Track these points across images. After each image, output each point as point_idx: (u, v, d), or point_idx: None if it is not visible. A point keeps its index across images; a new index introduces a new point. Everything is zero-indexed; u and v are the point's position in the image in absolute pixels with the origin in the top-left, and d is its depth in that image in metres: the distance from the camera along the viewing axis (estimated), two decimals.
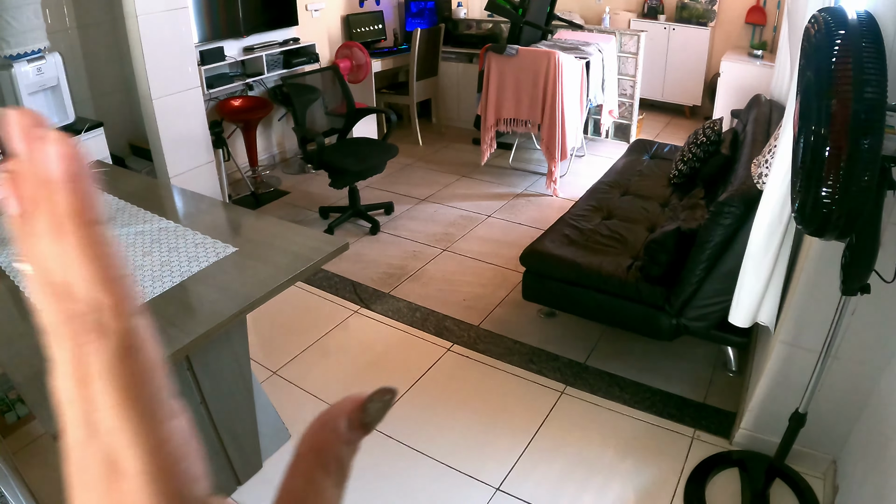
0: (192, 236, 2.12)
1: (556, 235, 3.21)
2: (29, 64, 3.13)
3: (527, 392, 2.82)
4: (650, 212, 3.49)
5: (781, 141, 2.05)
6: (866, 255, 1.59)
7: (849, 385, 2.13)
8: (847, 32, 1.35)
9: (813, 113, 1.40)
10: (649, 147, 4.50)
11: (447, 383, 2.87)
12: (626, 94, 5.70)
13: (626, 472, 2.40)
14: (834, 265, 1.73)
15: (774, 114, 3.36)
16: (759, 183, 2.40)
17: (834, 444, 2.27)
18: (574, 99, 4.76)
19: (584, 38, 5.37)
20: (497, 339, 3.17)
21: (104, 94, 4.17)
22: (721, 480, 2.34)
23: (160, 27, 3.66)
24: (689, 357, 3.01)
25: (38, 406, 1.39)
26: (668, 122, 6.62)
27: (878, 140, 1.33)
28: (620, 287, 2.79)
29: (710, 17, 6.18)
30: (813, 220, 1.46)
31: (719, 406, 2.70)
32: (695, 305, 2.62)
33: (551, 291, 3.05)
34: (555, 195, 4.79)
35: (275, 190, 5.04)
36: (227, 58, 4.65)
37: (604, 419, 2.65)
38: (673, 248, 2.66)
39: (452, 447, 2.51)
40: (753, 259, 2.19)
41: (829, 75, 1.34)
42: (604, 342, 3.13)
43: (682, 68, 6.44)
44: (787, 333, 2.17)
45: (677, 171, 3.74)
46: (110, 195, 2.47)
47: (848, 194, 1.37)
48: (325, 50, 5.64)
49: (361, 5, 6.01)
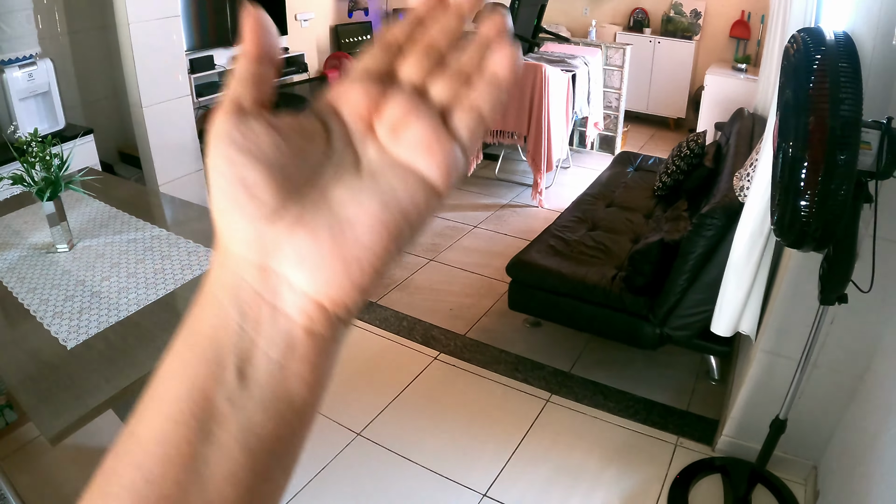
0: (185, 244, 2.14)
1: (542, 246, 3.24)
2: (20, 69, 3.14)
3: (513, 400, 2.85)
4: (634, 223, 3.54)
5: (763, 154, 2.10)
6: (843, 266, 1.64)
7: (828, 392, 2.18)
8: (825, 52, 1.40)
9: (791, 129, 1.45)
10: (634, 159, 4.56)
11: (434, 392, 2.90)
12: (612, 107, 5.77)
13: (611, 478, 2.43)
14: (812, 276, 1.78)
15: (757, 127, 3.42)
16: (741, 195, 2.45)
17: (815, 450, 2.31)
18: (560, 111, 4.81)
19: (571, 51, 5.43)
20: (483, 348, 3.20)
21: (94, 101, 4.18)
22: (704, 486, 2.38)
23: (151, 35, 3.68)
24: (672, 366, 3.05)
25: (33, 410, 1.41)
26: (653, 134, 6.69)
27: (853, 155, 1.38)
28: (605, 297, 2.83)
29: (694, 31, 6.27)
30: (791, 233, 1.51)
31: (702, 413, 2.74)
32: (678, 315, 2.66)
33: (537, 301, 3.08)
34: (540, 206, 4.83)
35: None
36: (217, 66, 4.66)
37: (588, 427, 2.69)
38: (656, 259, 2.70)
39: (439, 454, 2.54)
40: (735, 270, 2.24)
41: (806, 93, 1.39)
42: (588, 351, 3.17)
43: (666, 81, 6.51)
44: (768, 342, 2.22)
45: (661, 183, 3.80)
46: (102, 202, 2.48)
47: (825, 207, 1.42)
48: (314, 60, 5.67)
49: (350, 16, 6.05)
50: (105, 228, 2.28)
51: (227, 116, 0.29)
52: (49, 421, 1.38)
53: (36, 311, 1.78)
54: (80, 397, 1.44)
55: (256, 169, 0.28)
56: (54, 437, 1.35)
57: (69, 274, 1.97)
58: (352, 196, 0.29)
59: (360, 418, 2.67)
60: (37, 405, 1.43)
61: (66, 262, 2.05)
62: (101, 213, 2.40)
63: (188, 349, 0.29)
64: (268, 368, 0.28)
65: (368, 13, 6.22)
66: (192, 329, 0.29)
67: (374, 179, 0.29)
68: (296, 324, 0.28)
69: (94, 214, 2.39)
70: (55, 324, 1.72)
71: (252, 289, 0.28)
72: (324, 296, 0.28)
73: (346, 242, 0.28)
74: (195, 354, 0.28)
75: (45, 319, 1.74)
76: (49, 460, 2.47)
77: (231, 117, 0.29)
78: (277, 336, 0.28)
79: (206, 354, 0.28)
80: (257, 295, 0.28)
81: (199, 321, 0.29)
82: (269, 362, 0.28)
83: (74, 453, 2.50)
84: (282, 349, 0.28)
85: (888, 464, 1.69)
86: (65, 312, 1.77)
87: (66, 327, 1.70)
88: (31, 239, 2.21)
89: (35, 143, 1.96)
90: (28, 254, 2.11)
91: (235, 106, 0.29)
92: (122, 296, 1.84)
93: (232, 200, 0.28)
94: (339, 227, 0.28)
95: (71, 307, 1.79)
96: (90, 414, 1.41)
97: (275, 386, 0.28)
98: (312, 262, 0.28)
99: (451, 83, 0.30)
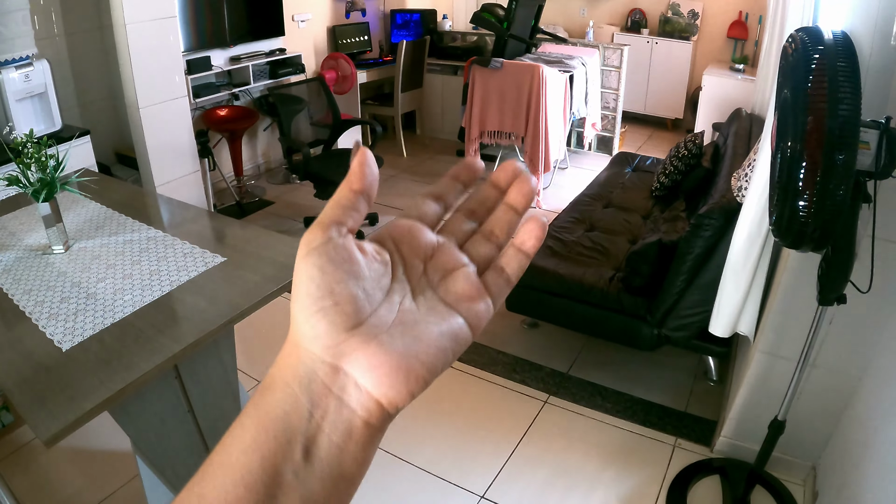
0: (181, 246, 2.13)
1: (540, 247, 3.23)
2: (16, 70, 3.13)
3: (510, 401, 2.84)
4: (632, 224, 3.54)
5: (761, 155, 2.10)
6: (842, 266, 1.64)
7: (827, 393, 2.17)
8: (823, 52, 1.40)
9: (789, 129, 1.44)
10: (631, 160, 4.56)
11: (431, 393, 2.87)
12: (609, 107, 5.77)
13: (609, 480, 2.43)
14: (811, 276, 1.78)
15: (755, 128, 3.42)
16: (739, 196, 2.45)
17: (813, 451, 2.31)
18: (557, 112, 4.81)
19: (568, 52, 5.43)
20: (481, 349, 3.20)
21: (91, 102, 4.17)
22: (702, 488, 2.37)
23: (148, 36, 3.67)
24: (670, 367, 3.05)
25: (28, 412, 1.40)
26: (651, 134, 6.69)
27: (851, 155, 1.38)
28: (603, 298, 2.83)
29: (692, 32, 6.28)
30: (789, 233, 1.50)
31: (700, 414, 2.74)
32: (676, 316, 2.66)
33: (535, 302, 3.08)
34: (538, 207, 4.83)
35: (260, 200, 5.05)
36: (214, 67, 4.65)
37: (586, 428, 2.68)
38: (654, 260, 2.70)
39: (437, 456, 2.53)
40: (733, 270, 2.24)
41: (804, 93, 1.39)
42: (586, 352, 3.17)
43: (664, 82, 6.52)
44: (767, 343, 2.21)
45: (659, 184, 3.80)
46: (98, 203, 2.47)
47: (823, 208, 1.41)
48: (311, 61, 5.66)
49: (347, 16, 6.05)
50: (101, 230, 2.27)
51: (324, 232, 0.34)
52: (44, 423, 1.37)
53: (31, 312, 1.77)
54: (75, 399, 1.43)
55: (345, 283, 0.33)
56: (49, 439, 1.34)
57: (65, 275, 1.97)
58: (415, 322, 0.35)
59: None
60: (32, 407, 1.42)
61: (61, 264, 2.04)
62: (97, 214, 2.39)
63: (259, 427, 0.33)
64: (329, 449, 0.33)
65: (366, 14, 6.21)
66: (264, 410, 0.34)
67: (430, 312, 0.36)
68: (357, 415, 0.34)
69: (90, 216, 2.38)
70: (50, 325, 1.71)
71: (323, 383, 0.34)
72: (383, 397, 0.33)
73: (411, 359, 0.34)
74: (268, 432, 0.33)
75: (41, 321, 1.73)
76: (45, 462, 2.47)
77: (327, 233, 0.34)
78: (341, 424, 0.34)
79: (277, 434, 0.33)
80: (327, 388, 0.34)
81: (272, 405, 0.34)
82: (331, 444, 0.33)
83: (71, 455, 2.49)
84: (343, 434, 0.34)
85: (887, 464, 1.68)
86: (60, 314, 1.76)
87: (61, 329, 1.69)
88: (26, 240, 2.20)
89: (31, 144, 1.95)
90: (23, 255, 2.10)
91: (332, 224, 0.35)
92: (118, 297, 1.84)
93: (320, 307, 0.33)
94: (406, 346, 0.34)
95: (66, 309, 1.78)
96: (85, 416, 1.40)
97: (333, 463, 0.34)
98: (381, 371, 0.33)
99: (486, 248, 0.40)
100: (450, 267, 0.38)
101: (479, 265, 0.39)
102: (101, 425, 1.98)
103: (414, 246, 0.38)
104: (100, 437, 2.54)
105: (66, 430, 1.36)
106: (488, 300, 0.38)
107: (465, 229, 0.40)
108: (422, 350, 0.34)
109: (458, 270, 0.38)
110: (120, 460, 2.46)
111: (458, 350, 0.36)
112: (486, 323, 0.38)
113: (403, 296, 0.36)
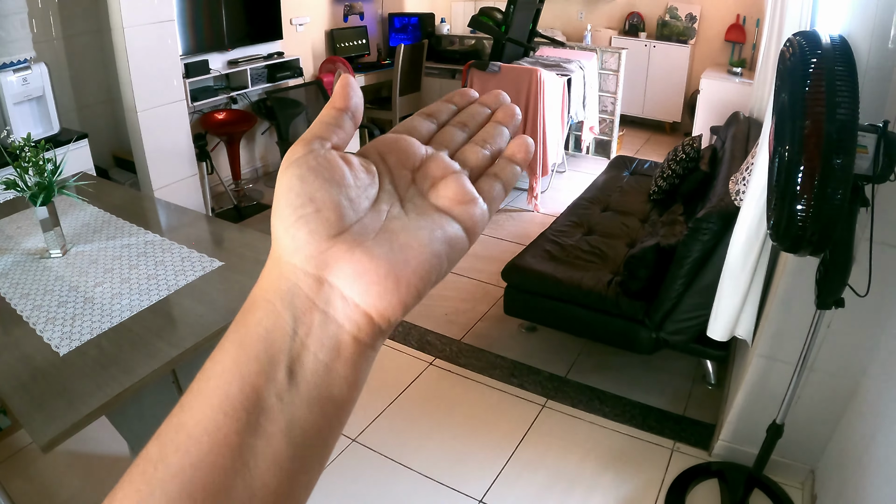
0: (179, 250, 2.13)
1: (538, 251, 3.24)
2: (14, 74, 3.13)
3: (508, 405, 2.84)
4: (630, 227, 3.54)
5: (759, 158, 2.10)
6: (840, 270, 1.64)
7: (825, 396, 2.17)
8: (821, 56, 1.40)
9: (787, 133, 1.44)
10: (629, 163, 4.56)
11: (429, 397, 2.89)
12: (607, 111, 5.77)
13: (607, 484, 2.42)
14: (809, 280, 1.78)
15: (752, 131, 3.43)
16: (737, 200, 2.45)
17: (812, 454, 2.31)
18: (555, 115, 4.81)
19: (566, 55, 5.44)
20: (479, 353, 3.19)
21: (89, 106, 4.17)
22: (701, 491, 2.37)
23: (146, 39, 3.67)
24: (668, 370, 3.05)
25: (26, 416, 1.40)
26: (649, 138, 6.70)
27: (849, 159, 1.38)
28: (601, 302, 2.83)
29: (690, 35, 6.29)
30: (787, 237, 1.50)
31: (698, 418, 2.73)
32: (674, 319, 2.66)
33: (532, 306, 3.08)
34: (536, 211, 4.83)
35: (257, 203, 5.04)
36: (212, 71, 4.66)
37: (585, 432, 2.68)
38: (652, 264, 2.70)
39: (435, 460, 2.53)
40: (731, 274, 2.24)
41: (802, 97, 1.39)
42: (584, 356, 3.17)
43: (662, 85, 6.53)
44: (765, 346, 2.21)
45: (657, 188, 3.80)
46: (96, 207, 2.47)
47: (821, 212, 1.41)
48: (310, 64, 5.67)
49: (346, 20, 6.05)
50: (99, 234, 2.26)
51: (306, 145, 0.34)
52: (41, 428, 1.36)
53: (29, 317, 1.77)
54: (72, 404, 1.43)
55: (326, 190, 0.32)
56: (47, 444, 1.33)
57: (62, 279, 1.96)
58: (404, 227, 0.33)
59: (355, 424, 2.66)
60: (29, 412, 1.41)
61: (59, 268, 2.03)
62: (95, 218, 2.39)
63: (240, 348, 0.31)
64: (315, 369, 0.31)
65: (364, 17, 6.22)
66: (244, 330, 0.32)
67: (420, 218, 0.34)
68: (344, 330, 0.32)
69: (88, 219, 2.38)
70: (48, 330, 1.71)
71: (307, 296, 0.32)
72: (372, 308, 0.32)
73: (399, 265, 0.32)
74: (248, 353, 0.31)
75: (38, 325, 1.73)
76: (42, 466, 2.46)
77: (309, 146, 0.34)
78: (327, 340, 0.32)
79: (258, 354, 0.31)
80: (311, 302, 0.32)
81: (252, 324, 0.32)
82: (317, 363, 0.31)
83: (68, 459, 2.49)
84: (329, 352, 0.32)
85: (886, 467, 1.68)
86: (58, 318, 1.76)
87: (58, 333, 1.69)
88: (24, 244, 2.19)
89: (28, 147, 1.95)
90: (21, 259, 2.10)
91: (315, 138, 0.34)
92: (116, 302, 1.83)
93: (300, 215, 0.31)
94: (394, 252, 0.32)
95: (64, 313, 1.78)
96: (83, 421, 1.40)
97: (320, 385, 0.31)
98: (368, 279, 0.31)
99: (478, 154, 0.39)
100: (440, 174, 0.37)
101: (472, 172, 0.39)
102: (98, 430, 1.98)
103: (401, 157, 0.37)
104: (97, 442, 2.54)
105: (64, 434, 1.36)
106: (483, 203, 0.37)
107: (456, 140, 0.40)
108: (412, 256, 0.32)
109: (449, 176, 0.37)
110: (117, 465, 2.45)
111: (455, 256, 0.35)
112: (483, 227, 0.37)
113: (391, 205, 0.35)
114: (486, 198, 0.37)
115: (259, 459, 0.30)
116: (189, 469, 0.29)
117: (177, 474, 0.29)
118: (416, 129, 0.40)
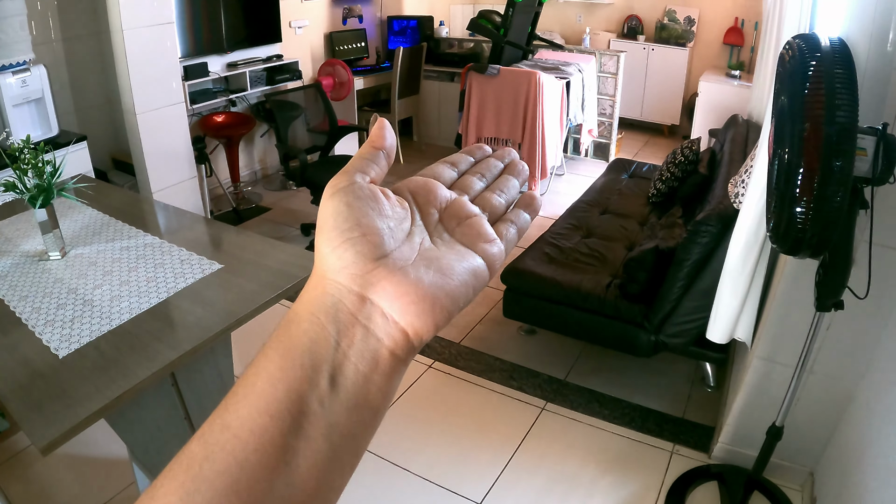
0: (178, 252, 2.12)
1: (537, 253, 3.24)
2: (13, 76, 3.13)
3: (508, 408, 2.84)
4: (629, 230, 3.54)
5: (757, 161, 2.10)
6: (839, 272, 1.64)
7: (824, 398, 2.17)
8: (820, 59, 1.40)
9: (787, 136, 1.45)
10: (628, 166, 4.57)
11: (428, 400, 2.89)
12: (606, 114, 5.78)
13: (607, 486, 2.42)
14: (808, 282, 1.78)
15: (751, 134, 3.43)
16: (736, 202, 2.45)
17: (811, 457, 2.31)
18: (554, 118, 4.82)
19: (565, 58, 5.44)
20: (478, 356, 3.19)
21: (88, 108, 4.17)
22: (700, 494, 2.37)
23: (145, 42, 3.67)
24: (667, 373, 3.04)
25: (25, 419, 1.39)
26: (647, 141, 6.71)
27: (849, 162, 1.38)
28: (600, 304, 2.83)
29: (688, 38, 6.30)
30: (787, 240, 1.50)
31: (698, 421, 2.73)
32: (673, 322, 2.66)
33: (532, 309, 3.08)
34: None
35: (256, 206, 5.04)
36: (211, 73, 4.66)
37: (584, 435, 2.68)
38: (651, 266, 2.70)
39: (434, 463, 2.52)
40: (730, 277, 2.24)
41: (801, 100, 1.39)
42: (584, 359, 3.17)
43: (660, 88, 6.54)
44: (764, 349, 2.21)
45: (656, 190, 3.80)
46: (95, 210, 2.47)
47: (820, 214, 1.41)
48: (308, 67, 5.67)
49: (345, 23, 6.06)
50: (98, 236, 2.26)
51: (349, 176, 0.38)
52: (40, 430, 1.36)
53: (27, 319, 1.76)
54: (71, 407, 1.42)
55: (371, 217, 0.36)
56: (45, 447, 1.33)
57: (61, 282, 1.96)
58: (437, 257, 0.37)
59: None
60: (28, 414, 1.41)
61: (58, 270, 2.03)
62: (94, 220, 2.39)
63: (284, 357, 0.34)
64: (355, 378, 0.34)
65: (362, 20, 6.23)
66: (288, 341, 0.35)
67: (450, 251, 0.39)
68: (383, 345, 0.35)
69: (87, 222, 2.38)
70: (47, 332, 1.70)
71: (350, 312, 0.35)
72: (409, 326, 0.35)
73: (435, 289, 0.35)
74: (293, 361, 0.34)
75: (37, 328, 1.72)
76: (41, 469, 2.45)
77: (352, 177, 0.38)
78: (367, 353, 0.35)
79: (303, 362, 0.34)
80: (354, 317, 0.35)
81: (297, 334, 0.35)
82: (357, 373, 0.34)
83: (67, 462, 2.48)
84: (369, 363, 0.34)
85: (885, 469, 1.68)
86: (56, 321, 1.75)
87: (57, 336, 1.68)
88: (22, 246, 2.19)
89: (27, 149, 1.94)
90: (20, 261, 2.09)
91: (356, 171, 0.38)
92: (115, 304, 1.83)
93: (347, 238, 0.35)
94: (431, 277, 0.36)
95: (63, 315, 1.78)
96: (82, 423, 1.40)
97: (359, 393, 0.34)
98: (408, 299, 0.35)
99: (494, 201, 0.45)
100: (464, 215, 0.41)
101: (490, 216, 0.43)
102: (97, 432, 1.97)
103: (430, 197, 0.41)
104: (96, 445, 2.53)
105: (63, 437, 1.36)
106: (501, 244, 0.41)
107: (475, 187, 0.45)
108: (446, 282, 0.36)
109: (472, 218, 0.41)
110: (116, 467, 2.45)
111: (479, 287, 0.38)
112: (501, 263, 0.41)
113: (423, 238, 0.39)
114: (502, 239, 0.42)
115: (300, 460, 0.32)
116: (235, 467, 0.31)
117: (222, 472, 0.31)
118: (440, 175, 0.45)
